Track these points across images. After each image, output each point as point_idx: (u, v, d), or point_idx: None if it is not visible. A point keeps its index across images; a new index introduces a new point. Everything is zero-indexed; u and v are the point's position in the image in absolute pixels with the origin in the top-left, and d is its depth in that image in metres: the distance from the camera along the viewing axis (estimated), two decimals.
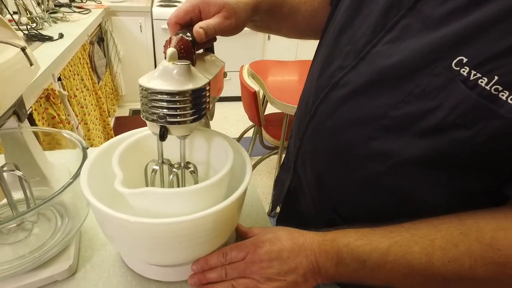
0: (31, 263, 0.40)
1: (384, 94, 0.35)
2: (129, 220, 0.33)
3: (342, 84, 0.39)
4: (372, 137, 0.36)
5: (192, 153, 0.48)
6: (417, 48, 0.32)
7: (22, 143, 0.49)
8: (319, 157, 0.45)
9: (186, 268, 0.42)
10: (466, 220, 0.33)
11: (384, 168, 0.36)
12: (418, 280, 0.34)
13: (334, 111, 0.40)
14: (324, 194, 0.46)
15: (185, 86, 0.36)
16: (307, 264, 0.38)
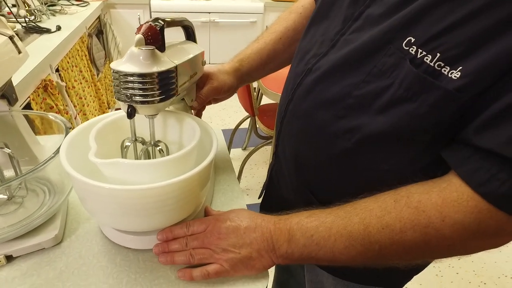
0: (19, 230, 0.44)
1: (348, 76, 0.38)
2: (101, 186, 0.37)
3: (314, 70, 0.43)
4: (339, 116, 0.40)
5: (166, 134, 0.51)
6: (375, 33, 0.36)
7: (13, 126, 0.53)
8: (295, 139, 0.48)
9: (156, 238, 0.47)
10: (401, 189, 0.36)
11: (350, 145, 0.40)
12: (358, 250, 0.37)
13: (307, 94, 0.44)
14: (301, 176, 0.50)
15: (150, 69, 0.39)
16: (262, 241, 0.41)
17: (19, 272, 0.43)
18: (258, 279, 0.44)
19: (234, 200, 0.57)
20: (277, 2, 2.67)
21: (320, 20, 0.46)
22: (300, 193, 0.51)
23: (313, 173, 0.47)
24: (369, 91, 0.37)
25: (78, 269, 0.44)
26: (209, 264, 0.42)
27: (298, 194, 0.52)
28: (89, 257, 0.46)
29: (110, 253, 0.47)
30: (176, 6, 2.48)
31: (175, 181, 0.39)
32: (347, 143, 0.40)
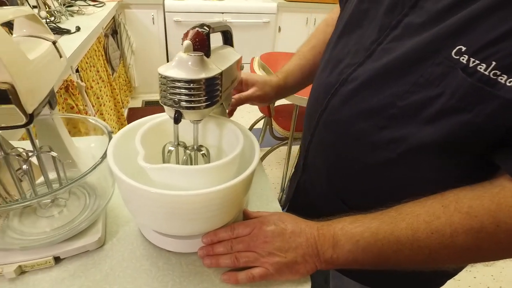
0: (65, 234, 0.45)
1: (390, 86, 0.38)
2: (149, 191, 0.38)
3: (350, 80, 0.42)
4: (381, 126, 0.39)
5: (206, 138, 0.52)
6: (419, 41, 0.35)
7: (54, 129, 0.54)
8: (329, 149, 0.48)
9: (199, 241, 0.47)
10: (448, 194, 0.36)
11: (395, 156, 0.39)
12: (406, 254, 0.37)
13: (343, 104, 0.43)
14: (333, 186, 0.49)
15: (197, 75, 0.40)
16: (307, 246, 0.41)
17: (67, 273, 0.44)
18: (301, 283, 0.44)
19: (269, 204, 0.57)
20: (290, 2, 2.66)
21: (352, 29, 0.45)
22: (331, 203, 0.51)
23: (346, 182, 0.47)
24: (415, 101, 0.36)
25: (123, 271, 0.45)
26: (254, 268, 0.43)
27: (329, 203, 0.52)
28: (132, 260, 0.46)
29: (152, 256, 0.47)
30: (189, 6, 2.48)
31: (223, 187, 0.39)
32: (391, 153, 0.39)
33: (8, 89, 0.35)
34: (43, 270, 0.44)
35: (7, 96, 0.36)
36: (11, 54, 0.36)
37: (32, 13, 0.48)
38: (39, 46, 0.46)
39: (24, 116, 0.38)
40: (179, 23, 2.52)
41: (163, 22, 2.53)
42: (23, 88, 0.37)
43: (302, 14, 2.72)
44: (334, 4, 2.33)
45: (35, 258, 0.43)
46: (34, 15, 0.49)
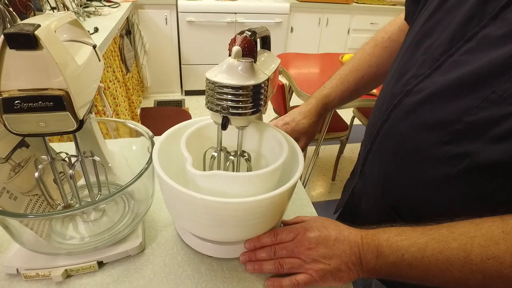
0: (109, 240, 0.45)
1: (458, 100, 0.36)
2: (196, 197, 0.38)
3: (416, 91, 0.41)
4: (444, 141, 0.37)
5: (245, 143, 0.51)
6: (496, 55, 0.33)
7: (91, 133, 0.54)
8: (388, 159, 0.47)
9: (241, 247, 0.47)
10: (509, 219, 0.33)
11: (456, 171, 0.37)
12: (455, 276, 0.35)
13: (406, 116, 0.42)
14: (388, 197, 0.48)
15: (248, 82, 0.39)
16: (350, 254, 0.40)
17: (111, 278, 0.44)
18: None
19: (304, 209, 0.57)
20: (303, 2, 2.65)
21: (422, 40, 0.43)
22: (383, 212, 0.49)
23: (402, 195, 0.46)
24: (484, 118, 0.34)
25: (166, 277, 0.45)
26: (298, 274, 0.42)
27: (381, 212, 0.50)
28: (174, 266, 0.46)
29: (193, 261, 0.47)
30: (202, 6, 2.49)
31: (271, 195, 0.39)
32: (452, 169, 0.38)
33: (63, 96, 0.35)
34: (87, 275, 0.44)
35: (62, 103, 0.36)
36: (65, 61, 0.37)
37: (75, 18, 0.48)
38: (82, 50, 0.47)
39: (75, 122, 0.38)
40: (192, 23, 2.52)
41: (176, 22, 2.54)
42: (75, 94, 0.37)
43: (314, 14, 2.71)
44: (346, 4, 2.33)
45: (80, 263, 0.44)
46: (76, 20, 0.49)
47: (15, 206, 0.42)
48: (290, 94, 1.95)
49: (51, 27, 0.37)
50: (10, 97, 0.34)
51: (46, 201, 0.46)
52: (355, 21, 2.86)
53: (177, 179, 0.40)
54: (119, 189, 0.41)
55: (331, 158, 2.20)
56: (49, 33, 0.36)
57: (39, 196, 0.46)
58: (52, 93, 0.35)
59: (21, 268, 0.42)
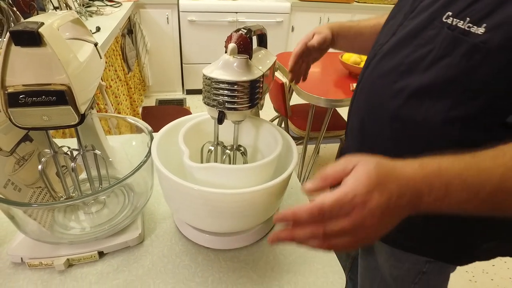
0: (109, 231, 0.47)
1: (402, 51, 0.48)
2: (193, 188, 0.39)
3: (379, 53, 0.53)
4: (394, 81, 0.49)
5: (242, 137, 0.53)
6: (424, 17, 0.46)
7: (92, 128, 0.56)
8: (362, 110, 0.57)
9: (237, 238, 0.48)
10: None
11: (402, 102, 0.47)
12: None
13: (372, 72, 0.54)
14: (366, 140, 0.57)
15: (243, 77, 0.41)
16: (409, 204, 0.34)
17: (111, 267, 0.45)
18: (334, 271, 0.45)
19: (301, 202, 0.58)
20: (304, 1, 2.66)
21: (390, 19, 0.57)
22: None
23: (375, 134, 0.54)
24: (416, 58, 0.46)
25: (164, 267, 0.46)
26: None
27: None
28: (172, 256, 0.48)
29: (190, 252, 0.49)
30: (203, 6, 2.50)
31: (266, 186, 0.40)
32: (399, 101, 0.48)
33: (65, 90, 0.37)
34: (88, 264, 0.46)
35: (64, 97, 0.37)
36: (67, 57, 0.38)
37: (77, 17, 0.50)
38: (84, 48, 0.48)
39: (77, 116, 0.40)
40: (193, 23, 2.54)
41: (177, 22, 2.55)
42: (77, 89, 0.38)
43: (315, 13, 2.72)
44: (347, 4, 2.34)
45: (81, 253, 0.45)
46: (78, 18, 0.50)
47: (20, 197, 0.44)
48: (290, 93, 1.96)
49: (54, 25, 0.39)
50: (15, 91, 0.36)
51: (49, 193, 0.48)
52: None
53: (176, 173, 0.42)
54: (120, 182, 0.43)
55: (331, 157, 2.21)
56: (52, 30, 0.37)
57: (42, 189, 0.48)
58: (55, 88, 0.37)
59: (25, 257, 0.44)
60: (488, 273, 1.49)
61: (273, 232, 0.40)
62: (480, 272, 1.49)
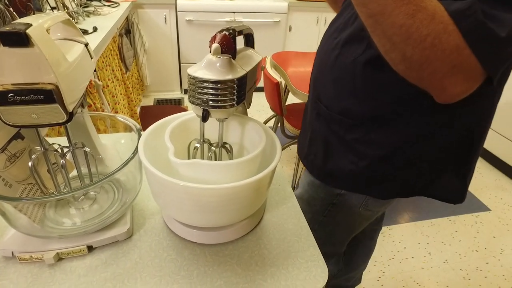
0: (98, 225, 0.48)
1: (343, 14, 0.63)
2: (178, 184, 0.41)
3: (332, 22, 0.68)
4: (335, 37, 0.63)
5: (228, 135, 0.54)
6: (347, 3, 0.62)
7: (83, 126, 0.57)
8: (315, 67, 0.70)
9: (223, 233, 0.50)
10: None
11: (338, 51, 0.60)
12: None
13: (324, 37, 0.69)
14: (316, 89, 0.70)
15: (226, 76, 0.42)
16: None
17: (100, 261, 0.47)
18: (317, 278, 0.47)
19: (287, 199, 0.60)
20: (301, 1, 2.67)
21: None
22: (314, 104, 0.70)
23: (321, 86, 0.68)
24: (348, 17, 0.61)
25: (151, 261, 0.48)
26: None
27: (313, 105, 0.71)
28: (159, 250, 0.49)
29: (177, 247, 0.50)
30: (201, 6, 2.52)
31: (248, 181, 0.42)
32: (337, 50, 0.61)
33: (53, 89, 0.38)
34: (77, 258, 0.47)
35: (52, 96, 0.39)
36: (55, 57, 0.39)
37: (67, 18, 0.51)
38: (74, 48, 0.50)
39: (65, 114, 0.41)
40: (191, 23, 2.55)
41: (175, 22, 2.57)
42: (65, 88, 0.40)
43: (312, 13, 2.73)
44: None
45: (71, 247, 0.47)
46: (69, 19, 0.52)
47: (10, 193, 0.46)
48: (286, 94, 1.97)
49: (42, 26, 0.40)
50: (4, 90, 0.37)
51: (39, 190, 0.49)
52: None
53: (164, 169, 0.43)
54: (108, 178, 0.44)
55: None
56: (40, 31, 0.39)
57: (33, 185, 0.49)
58: (43, 87, 0.38)
59: (16, 251, 0.46)
60: (482, 271, 1.50)
61: None
62: (473, 269, 1.50)
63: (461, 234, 1.70)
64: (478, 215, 1.83)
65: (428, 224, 1.75)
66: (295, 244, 0.51)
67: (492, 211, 1.87)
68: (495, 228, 1.75)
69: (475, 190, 2.02)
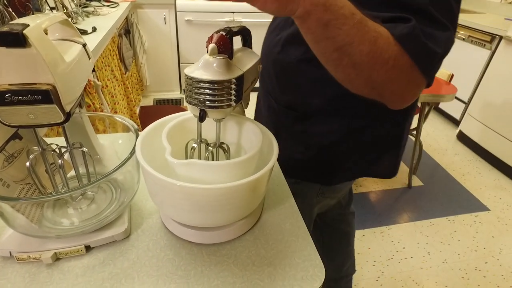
0: (95, 225, 0.48)
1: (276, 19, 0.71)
2: (175, 184, 0.41)
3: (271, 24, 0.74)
4: (276, 34, 0.67)
5: (225, 135, 0.54)
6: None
7: (81, 126, 0.57)
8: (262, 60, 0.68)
9: (220, 233, 0.50)
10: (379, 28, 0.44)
11: (279, 48, 0.65)
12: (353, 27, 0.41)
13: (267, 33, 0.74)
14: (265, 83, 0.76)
15: (222, 77, 0.42)
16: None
17: (98, 261, 0.47)
18: (314, 277, 0.47)
19: (285, 199, 0.60)
20: None
21: None
22: (265, 97, 0.76)
23: (270, 82, 0.73)
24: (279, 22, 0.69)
25: (149, 260, 0.48)
26: None
27: (264, 97, 0.77)
28: (156, 250, 0.49)
29: (175, 247, 0.50)
30: (200, 6, 2.52)
31: (244, 181, 0.42)
32: (278, 47, 0.66)
33: (50, 90, 0.39)
34: (75, 257, 0.47)
35: (49, 96, 0.39)
36: (53, 57, 0.40)
37: (65, 18, 0.51)
38: (72, 48, 0.50)
39: (62, 115, 0.41)
40: (190, 23, 2.56)
41: (175, 22, 2.57)
42: (62, 89, 0.40)
43: None
44: None
45: (69, 246, 0.47)
46: (67, 20, 0.52)
47: (8, 193, 0.46)
48: None
49: (40, 26, 0.40)
50: (1, 90, 0.37)
51: (37, 190, 0.49)
52: None
53: (162, 169, 0.43)
54: (105, 177, 0.44)
55: None
56: (38, 32, 0.39)
57: (31, 185, 0.49)
58: (40, 87, 0.39)
59: (14, 251, 0.46)
60: (481, 271, 1.51)
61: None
62: (472, 269, 1.51)
63: (460, 234, 1.70)
64: (477, 215, 1.83)
65: (427, 224, 1.75)
66: (293, 244, 0.51)
67: (491, 211, 1.87)
68: (494, 228, 1.75)
69: (474, 190, 2.02)
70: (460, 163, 2.28)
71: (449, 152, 2.40)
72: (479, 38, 2.37)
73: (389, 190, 1.98)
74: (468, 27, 2.46)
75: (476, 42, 2.40)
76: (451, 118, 2.76)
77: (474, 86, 2.43)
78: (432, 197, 1.95)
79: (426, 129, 2.68)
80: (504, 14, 2.77)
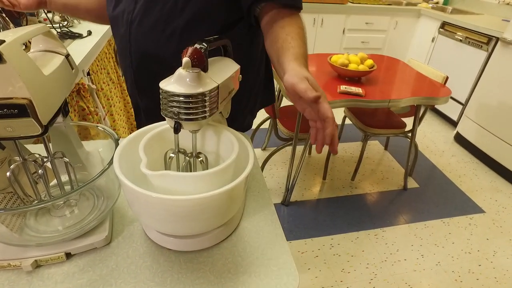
0: (76, 232, 0.49)
1: (155, 8, 0.66)
2: (150, 196, 0.42)
3: (135, 18, 0.69)
4: (162, 30, 0.67)
5: (204, 144, 0.56)
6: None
7: (66, 135, 0.58)
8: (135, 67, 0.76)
9: (198, 240, 0.51)
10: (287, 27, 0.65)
11: (178, 39, 0.67)
12: None
13: (137, 34, 0.71)
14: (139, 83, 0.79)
15: (194, 90, 0.43)
16: None
17: (77, 268, 0.48)
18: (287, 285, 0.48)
19: (265, 206, 0.61)
20: None
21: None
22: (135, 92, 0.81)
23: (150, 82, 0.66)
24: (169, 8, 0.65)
25: (127, 267, 0.49)
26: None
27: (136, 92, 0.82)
28: (135, 257, 0.51)
29: (154, 254, 0.51)
30: None
31: (216, 192, 0.43)
32: (176, 40, 0.67)
33: (26, 104, 0.40)
34: (56, 265, 0.49)
35: (26, 110, 0.40)
36: (29, 72, 0.41)
37: (48, 29, 0.52)
38: (53, 60, 0.51)
39: (40, 127, 0.42)
40: None
41: None
42: (39, 103, 0.41)
43: (309, 14, 2.74)
44: (341, 5, 2.36)
45: (49, 254, 0.48)
46: (50, 31, 0.53)
47: None
48: (280, 98, 1.98)
49: (17, 42, 0.41)
50: None
51: (19, 198, 0.51)
52: (350, 21, 2.88)
53: (141, 180, 0.44)
54: (87, 186, 0.45)
55: (322, 157, 2.23)
56: (14, 47, 0.40)
57: (13, 194, 0.51)
58: (16, 102, 0.40)
59: None
60: (474, 273, 1.51)
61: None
62: (466, 272, 1.51)
63: (454, 236, 1.70)
64: (472, 217, 1.84)
65: (422, 226, 1.76)
66: (269, 251, 0.52)
67: (487, 213, 1.87)
68: (489, 230, 1.76)
69: (470, 192, 2.02)
70: (456, 165, 2.27)
71: (446, 154, 2.40)
72: (476, 39, 2.37)
73: (385, 192, 1.99)
74: (465, 28, 2.46)
75: (473, 43, 2.40)
76: (448, 120, 2.76)
77: (471, 87, 2.43)
78: (428, 199, 1.95)
79: (423, 130, 2.68)
80: (501, 15, 2.76)
